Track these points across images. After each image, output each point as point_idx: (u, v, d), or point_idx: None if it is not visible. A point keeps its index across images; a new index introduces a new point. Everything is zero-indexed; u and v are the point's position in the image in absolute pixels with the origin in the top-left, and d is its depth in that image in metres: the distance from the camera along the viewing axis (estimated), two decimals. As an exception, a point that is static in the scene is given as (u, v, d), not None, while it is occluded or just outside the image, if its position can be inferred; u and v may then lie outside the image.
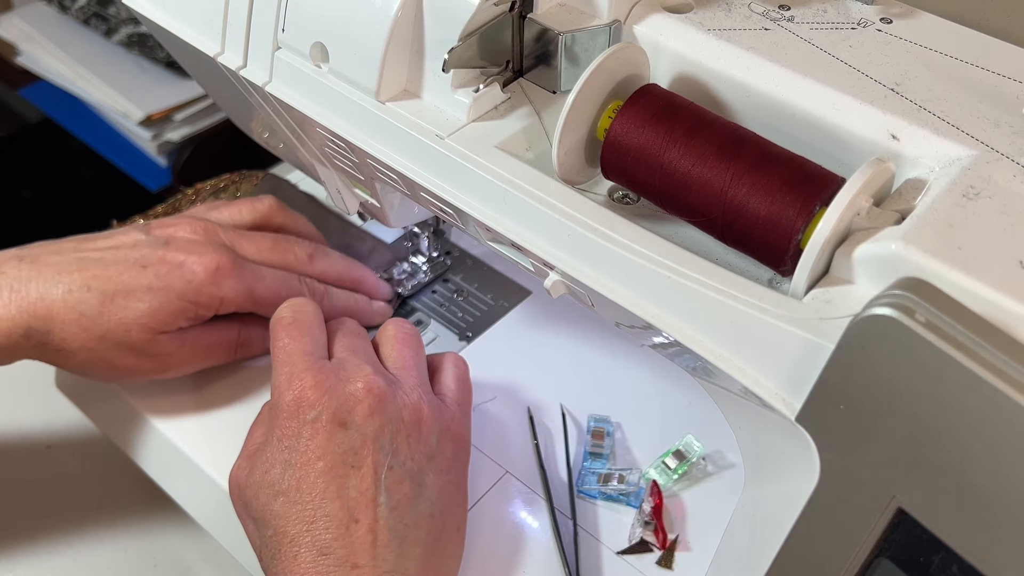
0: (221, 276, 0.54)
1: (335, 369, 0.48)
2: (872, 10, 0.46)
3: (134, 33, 0.97)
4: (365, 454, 0.46)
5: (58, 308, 0.51)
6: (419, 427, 0.48)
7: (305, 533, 0.44)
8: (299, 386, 0.47)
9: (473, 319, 0.64)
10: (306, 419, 0.46)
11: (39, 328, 0.51)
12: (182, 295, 0.53)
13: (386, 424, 0.47)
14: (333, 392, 0.47)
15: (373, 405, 0.47)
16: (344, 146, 0.50)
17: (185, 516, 0.60)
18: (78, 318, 0.51)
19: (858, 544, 0.37)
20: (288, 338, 0.49)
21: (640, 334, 0.47)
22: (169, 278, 0.53)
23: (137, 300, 0.52)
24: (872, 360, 0.33)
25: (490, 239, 0.48)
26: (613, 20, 0.45)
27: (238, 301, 0.55)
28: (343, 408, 0.46)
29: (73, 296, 0.51)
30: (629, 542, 0.52)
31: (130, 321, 0.52)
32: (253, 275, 0.56)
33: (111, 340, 0.52)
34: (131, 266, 0.53)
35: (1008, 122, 0.40)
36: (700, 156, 0.40)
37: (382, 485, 0.45)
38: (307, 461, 0.45)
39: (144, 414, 0.59)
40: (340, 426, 0.46)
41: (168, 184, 0.93)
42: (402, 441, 0.47)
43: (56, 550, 0.62)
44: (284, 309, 0.51)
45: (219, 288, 0.54)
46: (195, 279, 0.53)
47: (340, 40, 0.46)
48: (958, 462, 0.32)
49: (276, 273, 0.58)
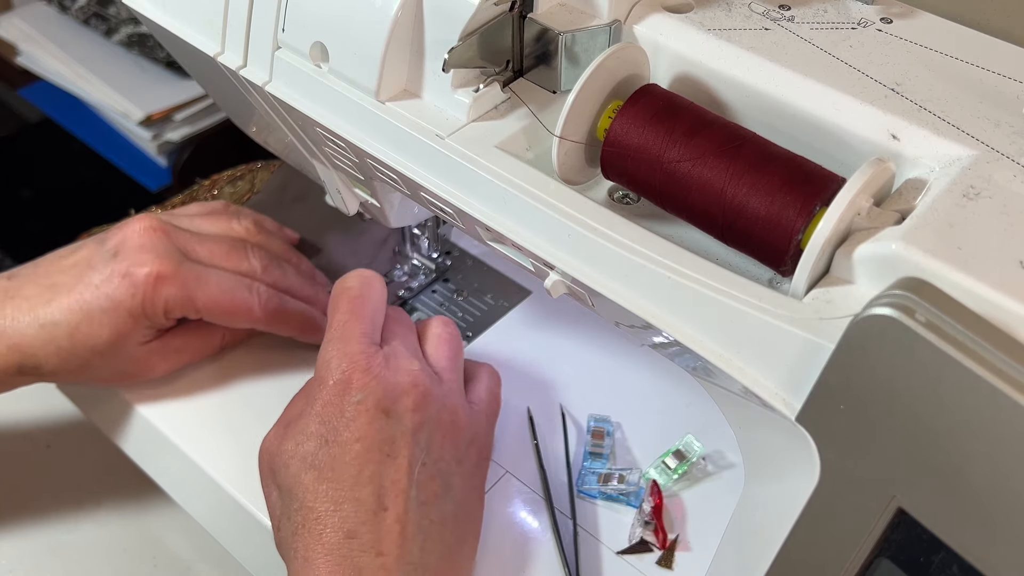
0: (161, 284, 0.54)
1: (387, 357, 0.48)
2: (872, 10, 0.46)
3: (134, 33, 0.97)
4: (402, 445, 0.46)
5: (38, 346, 0.53)
6: (454, 430, 0.48)
7: (333, 512, 0.44)
8: (350, 366, 0.47)
9: (473, 319, 0.64)
10: (351, 400, 0.46)
11: (29, 364, 0.53)
12: (131, 311, 0.54)
13: (426, 421, 0.47)
14: (381, 378, 0.47)
15: (418, 400, 0.47)
16: (344, 146, 0.50)
17: (185, 516, 0.60)
18: (56, 351, 0.53)
19: (858, 544, 0.37)
20: (349, 313, 0.49)
21: (640, 334, 0.47)
22: (117, 294, 0.53)
23: (98, 325, 0.53)
24: (872, 360, 0.33)
25: (490, 239, 0.48)
26: (613, 20, 0.45)
27: (180, 309, 0.55)
28: (389, 396, 0.46)
29: (46, 332, 0.53)
30: (629, 542, 0.52)
31: (100, 346, 0.54)
32: (196, 281, 0.55)
33: (94, 365, 0.55)
34: (88, 287, 0.54)
35: (1008, 122, 0.40)
36: (700, 156, 0.40)
37: (414, 479, 0.45)
38: (345, 441, 0.45)
39: (144, 414, 0.59)
40: (383, 413, 0.46)
41: (168, 184, 0.92)
42: (438, 441, 0.47)
43: (56, 549, 0.62)
44: (352, 278, 0.51)
45: (159, 296, 0.54)
46: (137, 292, 0.53)
47: (340, 40, 0.46)
48: (958, 462, 0.32)
49: (223, 279, 0.56)
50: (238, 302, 0.56)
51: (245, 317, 0.57)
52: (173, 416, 0.58)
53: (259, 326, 0.58)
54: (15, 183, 0.93)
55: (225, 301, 0.56)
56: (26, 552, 0.61)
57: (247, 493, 0.54)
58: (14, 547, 0.62)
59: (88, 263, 0.55)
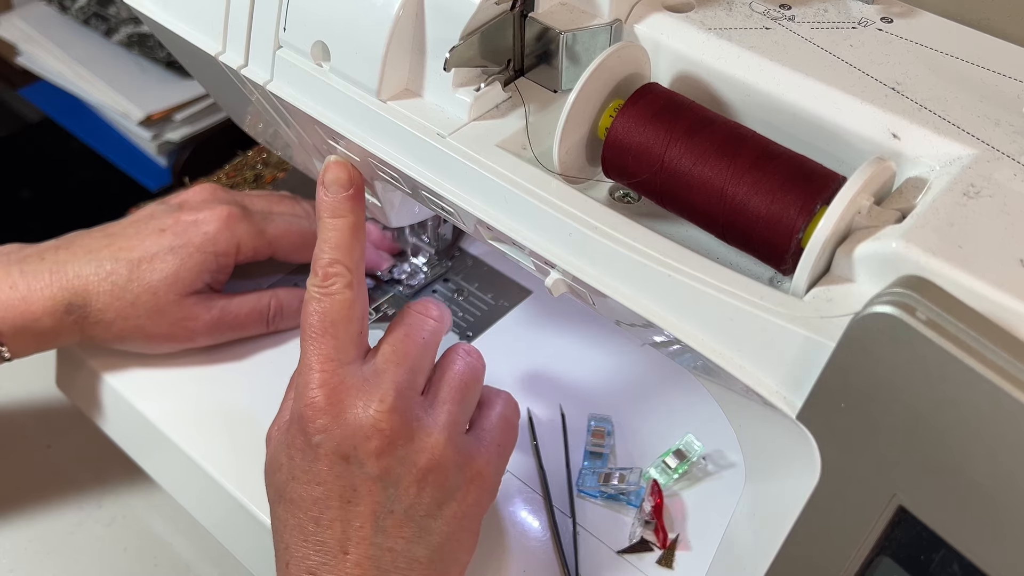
0: (233, 221, 0.58)
1: (355, 386, 0.44)
2: (873, 9, 0.46)
3: (134, 33, 0.97)
4: (364, 493, 0.43)
5: (92, 281, 0.55)
6: (436, 473, 0.44)
7: (299, 547, 0.43)
8: (309, 402, 0.44)
9: (473, 319, 0.64)
10: (311, 440, 0.44)
11: (77, 303, 0.55)
12: (201, 247, 0.57)
13: (394, 466, 0.44)
14: (341, 419, 0.44)
15: (382, 446, 0.43)
16: (345, 145, 0.50)
17: (186, 515, 0.60)
18: (111, 288, 0.55)
19: (859, 542, 0.37)
20: (309, 339, 0.45)
21: (641, 332, 0.47)
22: (186, 235, 0.57)
23: (160, 262, 0.56)
24: (873, 358, 0.33)
25: (491, 238, 0.48)
26: (614, 19, 0.45)
27: (254, 244, 0.59)
28: (347, 441, 0.43)
29: (103, 268, 0.56)
30: (629, 541, 0.52)
31: (156, 283, 0.56)
32: (263, 218, 0.60)
33: (142, 306, 0.56)
34: (151, 233, 0.57)
35: (1008, 121, 0.40)
36: (701, 155, 0.40)
37: (379, 526, 0.43)
38: (307, 482, 0.44)
39: (144, 413, 0.59)
40: (342, 459, 0.43)
41: (168, 184, 0.93)
42: (410, 485, 0.44)
43: (56, 550, 0.62)
44: (310, 302, 0.46)
45: (233, 233, 0.58)
46: (210, 229, 0.57)
47: (341, 39, 0.46)
48: (959, 460, 0.32)
49: (285, 215, 0.61)
50: (304, 231, 0.61)
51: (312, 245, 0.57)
52: (173, 415, 0.58)
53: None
54: (15, 183, 0.93)
55: (293, 231, 0.61)
56: (26, 552, 0.61)
57: (247, 492, 0.54)
58: (14, 547, 0.62)
59: (150, 216, 0.59)
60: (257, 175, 0.78)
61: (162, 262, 0.56)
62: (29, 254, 0.56)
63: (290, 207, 0.62)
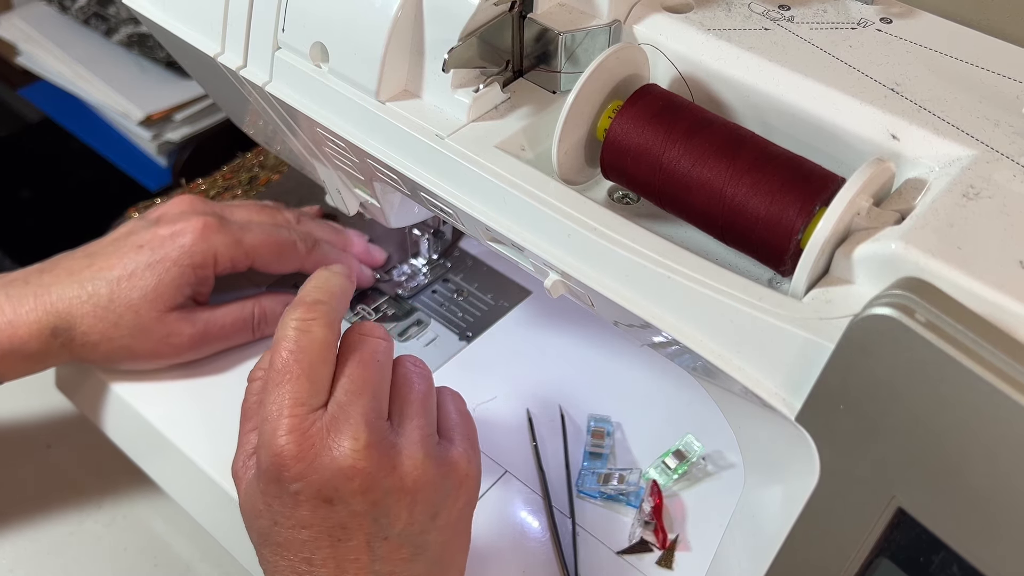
0: (209, 232, 0.57)
1: (324, 427, 0.42)
2: (872, 10, 0.46)
3: (134, 33, 0.97)
4: (355, 528, 0.42)
5: (75, 304, 0.55)
6: (424, 491, 0.43)
7: None
8: (278, 451, 0.41)
9: (473, 319, 0.64)
10: (287, 488, 0.41)
11: (63, 326, 0.55)
12: (177, 261, 0.56)
13: (381, 498, 0.42)
14: (317, 464, 0.41)
15: (365, 484, 0.41)
16: (344, 146, 0.50)
17: (185, 515, 0.60)
18: (93, 310, 0.55)
19: (858, 544, 0.37)
20: (282, 379, 0.42)
21: (640, 334, 0.47)
22: (163, 249, 0.56)
23: (139, 279, 0.56)
24: (872, 360, 0.33)
25: (490, 239, 0.48)
26: (613, 20, 0.45)
27: (231, 254, 0.58)
28: (328, 484, 0.41)
29: (85, 290, 0.55)
30: (629, 542, 0.52)
31: (137, 301, 0.56)
32: (241, 228, 0.59)
33: (125, 326, 0.56)
34: (130, 250, 0.57)
35: (1008, 122, 0.40)
36: (700, 156, 0.40)
37: (375, 554, 0.42)
38: (291, 526, 0.42)
39: (144, 414, 0.59)
40: (325, 502, 0.41)
41: (168, 184, 0.92)
42: (402, 509, 0.43)
43: (56, 550, 0.62)
44: (286, 333, 0.43)
45: (209, 244, 0.57)
46: (185, 241, 0.57)
47: (340, 40, 0.46)
48: (958, 462, 0.32)
49: (264, 225, 0.60)
50: (283, 241, 0.60)
51: (291, 255, 0.60)
52: (172, 415, 0.58)
53: (306, 266, 0.61)
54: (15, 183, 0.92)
55: (271, 241, 0.60)
56: (26, 552, 0.61)
57: (247, 493, 0.54)
58: (14, 547, 0.62)
59: (129, 232, 0.58)
60: (252, 177, 0.77)
61: (141, 279, 0.56)
62: (14, 278, 0.56)
63: (270, 216, 0.62)
